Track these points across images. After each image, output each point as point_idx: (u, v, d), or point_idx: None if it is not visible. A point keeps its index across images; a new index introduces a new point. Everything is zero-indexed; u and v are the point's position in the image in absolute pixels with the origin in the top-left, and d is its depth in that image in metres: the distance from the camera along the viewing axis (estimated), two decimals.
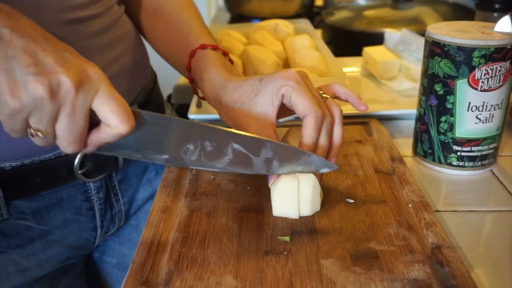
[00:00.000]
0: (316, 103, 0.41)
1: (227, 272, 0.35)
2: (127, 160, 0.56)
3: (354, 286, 0.33)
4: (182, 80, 0.90)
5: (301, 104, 0.40)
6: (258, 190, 0.46)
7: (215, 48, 0.51)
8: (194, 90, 0.53)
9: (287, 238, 0.39)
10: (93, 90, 0.33)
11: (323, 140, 0.41)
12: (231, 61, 0.52)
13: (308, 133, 0.40)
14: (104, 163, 0.52)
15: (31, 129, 0.33)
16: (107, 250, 0.62)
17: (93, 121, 0.35)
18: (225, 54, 0.51)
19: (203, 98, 0.53)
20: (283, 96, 0.42)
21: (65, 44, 0.34)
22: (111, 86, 0.34)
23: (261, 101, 0.42)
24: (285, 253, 0.37)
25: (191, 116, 0.64)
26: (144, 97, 0.59)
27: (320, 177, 0.44)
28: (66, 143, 0.34)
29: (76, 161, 0.48)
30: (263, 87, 0.42)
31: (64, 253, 0.53)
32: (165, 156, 0.39)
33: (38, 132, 0.33)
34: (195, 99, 0.68)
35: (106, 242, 0.61)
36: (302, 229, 0.40)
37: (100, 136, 0.35)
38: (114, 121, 0.34)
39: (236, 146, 0.39)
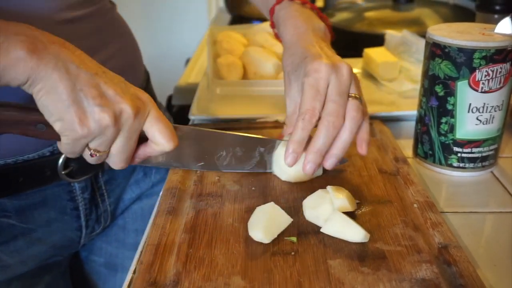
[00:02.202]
0: (313, 98, 0.42)
1: (235, 272, 0.36)
2: None
3: (362, 286, 0.34)
4: (183, 80, 0.90)
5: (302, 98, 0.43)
6: (263, 191, 0.46)
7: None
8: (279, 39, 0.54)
9: (294, 239, 0.39)
10: (146, 113, 0.37)
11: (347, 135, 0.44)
12: (314, 8, 0.52)
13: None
14: (88, 164, 0.52)
15: (90, 150, 0.37)
16: (94, 249, 0.62)
17: (140, 138, 0.39)
18: (304, 2, 0.52)
19: None
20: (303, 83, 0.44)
21: (117, 75, 0.38)
22: (158, 109, 0.38)
23: (299, 76, 0.44)
24: (293, 253, 0.37)
25: (191, 117, 0.64)
26: None
27: None
28: (118, 161, 0.39)
29: (60, 161, 0.48)
30: (299, 68, 0.44)
31: (48, 251, 0.53)
32: (201, 163, 0.44)
33: (97, 153, 0.37)
34: (195, 100, 0.69)
35: (93, 241, 0.61)
36: (309, 229, 0.40)
37: (146, 151, 0.39)
38: (161, 140, 0.38)
39: (262, 149, 0.45)
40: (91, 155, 0.37)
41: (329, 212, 0.40)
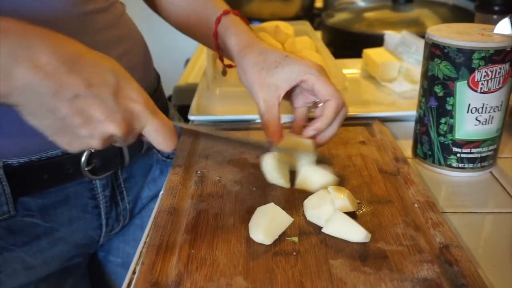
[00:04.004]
0: (338, 91, 0.46)
1: (236, 273, 0.36)
2: (133, 158, 0.57)
3: (364, 286, 0.34)
4: (182, 81, 0.90)
5: (325, 90, 0.45)
6: (264, 191, 0.46)
7: (236, 13, 0.55)
8: (220, 58, 0.57)
9: (295, 239, 0.39)
10: (141, 126, 0.36)
11: (335, 126, 0.47)
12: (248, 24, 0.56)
13: (328, 113, 0.46)
14: (110, 160, 0.53)
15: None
16: (112, 249, 0.62)
17: None
18: (245, 20, 0.55)
19: (229, 66, 0.57)
20: (302, 81, 0.46)
21: (107, 61, 0.35)
22: (156, 115, 0.37)
23: (278, 74, 0.46)
24: (294, 253, 0.38)
25: (191, 117, 0.64)
26: None
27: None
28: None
29: (83, 158, 0.49)
30: (286, 64, 0.47)
31: (69, 251, 0.54)
32: None
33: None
34: (195, 100, 0.69)
35: (111, 241, 0.62)
36: (310, 229, 0.40)
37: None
38: (161, 146, 0.38)
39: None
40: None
41: (330, 212, 0.40)
